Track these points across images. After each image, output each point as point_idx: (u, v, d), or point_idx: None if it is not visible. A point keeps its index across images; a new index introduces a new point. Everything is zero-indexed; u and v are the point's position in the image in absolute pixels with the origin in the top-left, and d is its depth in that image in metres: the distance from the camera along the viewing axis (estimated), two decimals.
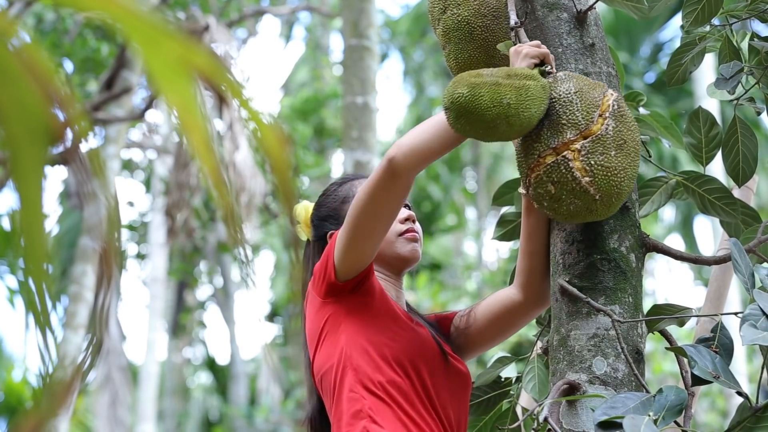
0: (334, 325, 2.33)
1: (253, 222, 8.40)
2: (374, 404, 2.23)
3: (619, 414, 1.78)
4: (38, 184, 0.79)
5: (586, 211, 2.09)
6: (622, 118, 2.11)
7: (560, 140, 2.09)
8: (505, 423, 2.50)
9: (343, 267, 2.29)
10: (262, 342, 18.59)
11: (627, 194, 2.11)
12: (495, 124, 2.07)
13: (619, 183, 2.07)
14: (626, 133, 2.10)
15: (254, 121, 0.84)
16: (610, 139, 2.07)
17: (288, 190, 0.86)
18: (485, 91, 2.06)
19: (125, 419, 10.89)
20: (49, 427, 0.81)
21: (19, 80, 0.78)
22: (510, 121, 2.07)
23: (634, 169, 2.11)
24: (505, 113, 2.06)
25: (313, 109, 15.39)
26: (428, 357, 2.34)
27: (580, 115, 2.10)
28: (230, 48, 8.70)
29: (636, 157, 2.12)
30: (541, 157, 2.10)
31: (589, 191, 2.06)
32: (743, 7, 2.47)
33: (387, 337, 2.31)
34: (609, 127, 2.08)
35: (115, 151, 9.01)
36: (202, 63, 0.80)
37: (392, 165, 2.18)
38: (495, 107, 2.05)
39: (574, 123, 2.09)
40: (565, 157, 2.07)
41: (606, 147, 2.07)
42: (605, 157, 2.06)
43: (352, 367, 2.27)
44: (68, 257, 12.12)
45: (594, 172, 2.05)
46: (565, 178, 2.07)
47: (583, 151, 2.06)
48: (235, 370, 17.67)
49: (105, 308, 0.89)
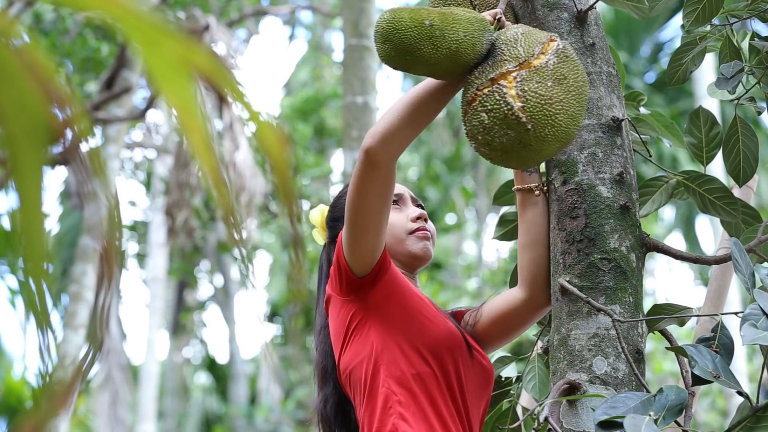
0: (361, 321, 2.32)
1: (253, 221, 8.40)
2: (405, 399, 2.23)
3: (619, 414, 1.78)
4: (38, 184, 0.79)
5: (519, 144, 2.02)
6: (566, 58, 2.07)
7: (498, 71, 2.06)
8: (505, 422, 2.50)
9: (355, 263, 2.29)
10: (262, 342, 18.59)
11: (566, 133, 2.03)
12: (419, 45, 2.05)
13: (553, 114, 2.01)
14: (568, 71, 2.06)
15: (254, 121, 0.84)
16: (549, 72, 2.04)
17: (288, 189, 0.86)
18: (406, 14, 2.07)
19: (125, 419, 10.90)
20: (49, 426, 0.81)
21: (19, 80, 0.78)
22: (435, 43, 2.05)
23: (574, 107, 2.04)
24: (428, 33, 2.05)
25: (313, 109, 15.39)
26: (457, 348, 2.33)
27: (522, 50, 2.07)
28: (230, 48, 8.70)
29: (578, 97, 2.06)
30: (479, 90, 2.06)
31: (521, 118, 2.00)
32: (744, 6, 2.47)
33: (417, 328, 2.30)
34: (549, 62, 2.05)
35: (115, 150, 9.01)
36: (202, 63, 0.80)
37: (369, 155, 2.18)
38: (416, 27, 2.05)
39: (514, 56, 2.07)
40: (500, 84, 2.04)
41: (543, 78, 2.03)
42: (541, 86, 2.02)
43: (384, 361, 2.27)
44: (68, 257, 12.12)
45: (527, 97, 2.01)
46: (498, 104, 2.02)
47: (519, 79, 2.03)
48: (236, 370, 17.67)
49: (105, 308, 0.89)
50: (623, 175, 2.24)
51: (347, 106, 5.96)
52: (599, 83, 2.31)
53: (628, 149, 2.30)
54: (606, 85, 2.32)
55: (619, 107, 2.32)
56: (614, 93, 2.33)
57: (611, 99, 2.31)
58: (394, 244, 2.44)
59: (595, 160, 2.25)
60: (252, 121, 0.84)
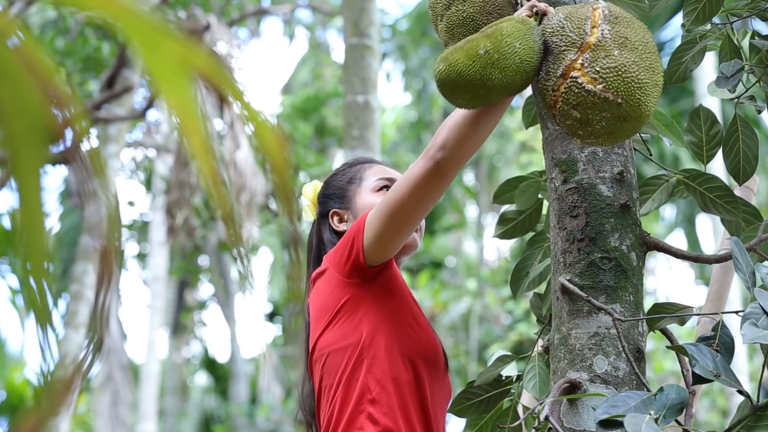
0: (354, 307, 2.32)
1: (253, 221, 8.40)
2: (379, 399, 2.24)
3: (620, 412, 1.78)
4: (38, 183, 0.79)
5: (619, 120, 2.01)
6: (616, 19, 2.06)
7: (564, 65, 2.03)
8: (505, 422, 2.50)
9: (371, 252, 2.28)
10: (262, 341, 18.59)
11: (654, 85, 2.02)
12: (487, 76, 2.02)
13: (635, 77, 1.99)
14: (626, 31, 2.04)
15: (253, 121, 0.84)
16: (609, 41, 2.01)
17: (288, 189, 0.86)
18: (458, 54, 2.03)
19: (126, 418, 10.90)
20: (49, 425, 0.81)
21: (19, 79, 0.78)
22: (499, 65, 2.02)
23: (649, 59, 2.03)
24: (489, 61, 2.02)
25: (313, 108, 15.40)
26: (435, 361, 2.36)
27: (574, 34, 2.04)
28: (231, 47, 8.70)
29: (646, 49, 2.03)
30: (555, 90, 2.04)
31: (608, 98, 1.98)
32: (744, 5, 2.47)
33: (407, 333, 2.32)
34: (605, 32, 2.03)
35: (115, 150, 9.01)
36: (202, 63, 0.80)
37: (440, 166, 2.16)
38: (475, 62, 2.01)
39: (570, 44, 2.04)
40: (572, 77, 2.02)
41: (608, 50, 2.00)
42: (609, 59, 1.99)
43: (368, 356, 2.27)
44: (69, 256, 12.12)
45: (604, 76, 1.99)
46: (581, 96, 2.00)
47: (586, 64, 2.01)
48: (236, 369, 17.68)
49: (105, 307, 0.89)
50: (624, 173, 2.24)
51: (348, 105, 5.96)
52: None
53: (629, 148, 2.30)
54: None
55: None
56: None
57: None
58: None
59: (596, 159, 2.25)
60: (251, 121, 0.84)
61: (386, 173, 2.58)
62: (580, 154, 2.26)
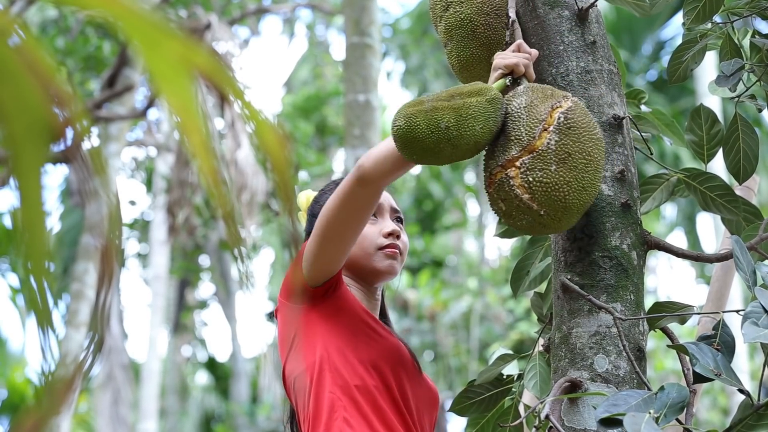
0: (307, 331, 2.33)
1: (254, 220, 8.40)
2: (349, 406, 2.24)
3: (620, 411, 1.78)
4: (39, 182, 0.79)
5: (538, 225, 2.08)
6: (569, 131, 2.06)
7: (506, 157, 2.07)
8: (506, 420, 2.51)
9: (312, 272, 2.29)
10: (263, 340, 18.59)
11: (581, 205, 2.06)
12: (439, 149, 2.06)
13: (562, 197, 2.03)
14: (573, 146, 2.05)
15: (254, 120, 0.84)
16: (551, 154, 2.04)
17: (288, 189, 0.86)
18: (421, 119, 2.05)
19: (127, 417, 10.91)
20: (50, 424, 0.81)
21: (20, 78, 0.78)
22: (454, 143, 2.06)
23: (584, 179, 2.05)
24: (446, 137, 2.05)
25: (314, 107, 15.40)
26: (400, 364, 2.35)
27: (524, 131, 2.07)
28: (232, 46, 8.70)
29: (586, 167, 2.05)
30: (493, 174, 2.09)
31: (532, 207, 2.04)
32: (744, 4, 2.47)
33: (364, 342, 2.32)
34: (551, 142, 2.05)
35: (116, 149, 9.01)
36: (203, 62, 0.80)
37: (361, 173, 2.16)
38: (434, 133, 2.04)
39: (518, 139, 2.07)
40: (507, 174, 2.06)
41: (546, 162, 2.03)
42: (544, 173, 2.03)
43: (329, 368, 2.28)
44: (70, 255, 12.13)
45: (532, 188, 2.03)
46: (509, 195, 2.06)
47: (523, 168, 2.05)
48: (237, 368, 17.68)
49: (106, 306, 0.89)
50: (624, 172, 2.24)
51: (349, 104, 5.96)
52: (600, 81, 2.31)
53: (629, 147, 2.30)
54: (607, 83, 2.32)
55: (620, 105, 2.32)
56: (615, 91, 2.32)
57: (612, 97, 2.31)
58: (361, 256, 2.44)
59: None
60: (252, 120, 0.84)
61: None
62: None
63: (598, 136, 2.10)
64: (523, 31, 2.40)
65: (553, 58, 2.33)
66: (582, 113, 2.10)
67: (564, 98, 2.12)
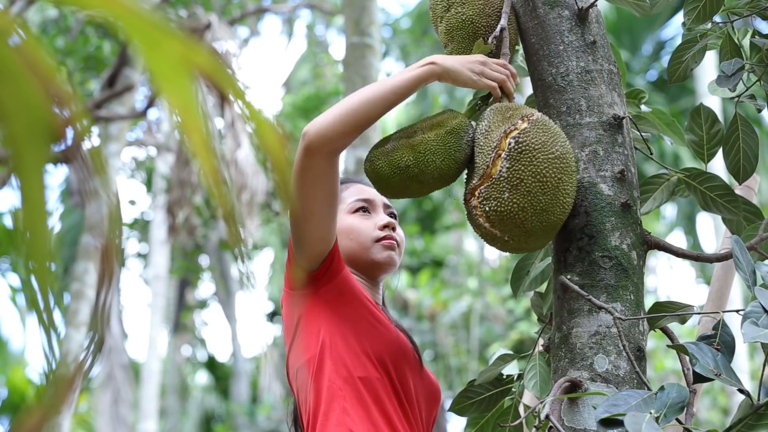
0: (310, 319, 2.32)
1: (254, 220, 8.40)
2: (350, 396, 2.24)
3: (620, 411, 1.78)
4: (40, 182, 0.79)
5: (510, 248, 2.16)
6: (520, 155, 2.09)
7: (471, 185, 2.16)
8: (506, 420, 2.51)
9: (305, 256, 2.28)
10: (263, 340, 18.59)
11: (545, 227, 2.10)
12: (405, 186, 2.18)
13: (519, 223, 2.08)
14: (524, 171, 2.08)
15: (254, 119, 0.84)
16: (504, 181, 2.09)
17: (288, 188, 0.86)
18: (383, 162, 2.18)
19: (127, 417, 10.90)
20: (51, 424, 0.81)
21: (20, 78, 0.78)
22: (419, 179, 2.17)
23: (541, 202, 2.07)
24: (408, 175, 2.17)
25: (314, 107, 15.39)
26: (403, 357, 2.35)
27: (481, 159, 2.15)
28: (232, 46, 8.70)
29: (544, 189, 2.07)
30: (466, 201, 2.17)
31: (496, 234, 2.12)
32: (744, 4, 2.47)
33: (367, 332, 2.31)
34: (503, 169, 2.10)
35: (116, 149, 9.01)
36: (203, 61, 0.80)
37: (306, 143, 2.16)
38: (396, 174, 2.17)
39: (478, 166, 2.16)
40: (470, 204, 2.15)
41: (499, 191, 2.10)
42: (497, 202, 2.09)
43: (332, 358, 2.27)
44: (70, 255, 12.13)
45: (490, 218, 2.11)
46: (475, 223, 2.15)
47: (480, 198, 2.12)
48: (237, 368, 17.68)
49: (106, 306, 0.89)
50: (624, 172, 2.24)
51: None
52: (600, 81, 2.31)
53: (629, 147, 2.30)
54: (607, 83, 2.32)
55: (620, 105, 2.32)
56: (615, 91, 2.33)
57: (612, 97, 2.31)
58: (359, 251, 2.44)
59: (596, 158, 2.25)
60: (252, 120, 0.84)
61: (362, 193, 2.53)
62: (580, 153, 2.26)
63: (557, 153, 2.10)
64: (523, 30, 2.40)
65: (553, 58, 2.33)
66: (537, 133, 2.11)
67: (523, 119, 2.14)
